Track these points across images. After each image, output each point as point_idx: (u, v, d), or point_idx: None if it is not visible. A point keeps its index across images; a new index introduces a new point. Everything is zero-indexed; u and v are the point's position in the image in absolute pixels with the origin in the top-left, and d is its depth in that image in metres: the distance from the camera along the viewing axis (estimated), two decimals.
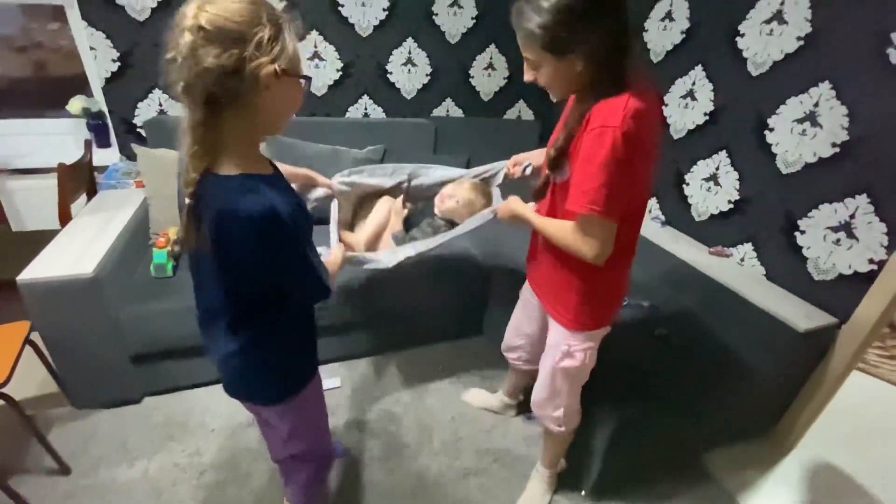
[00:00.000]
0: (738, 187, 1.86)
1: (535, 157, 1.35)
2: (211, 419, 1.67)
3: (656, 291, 1.91)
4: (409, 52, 2.46)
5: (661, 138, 1.01)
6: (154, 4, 2.01)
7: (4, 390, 1.26)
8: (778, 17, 1.61)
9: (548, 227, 1.07)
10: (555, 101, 1.02)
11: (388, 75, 2.48)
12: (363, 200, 1.64)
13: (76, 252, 1.53)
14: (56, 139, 2.23)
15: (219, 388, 1.77)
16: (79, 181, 1.90)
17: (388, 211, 1.57)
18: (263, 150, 0.85)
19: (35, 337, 1.46)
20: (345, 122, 2.44)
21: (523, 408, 1.76)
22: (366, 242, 1.52)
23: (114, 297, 1.54)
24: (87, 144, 1.99)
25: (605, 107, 0.88)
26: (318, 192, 1.42)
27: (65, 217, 1.77)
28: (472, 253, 2.10)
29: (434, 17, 2.42)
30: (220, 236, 0.74)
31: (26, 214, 2.11)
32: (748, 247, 1.85)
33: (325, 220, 1.41)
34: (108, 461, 1.50)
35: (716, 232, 1.97)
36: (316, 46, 2.30)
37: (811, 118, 1.55)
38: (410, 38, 2.43)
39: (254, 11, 0.67)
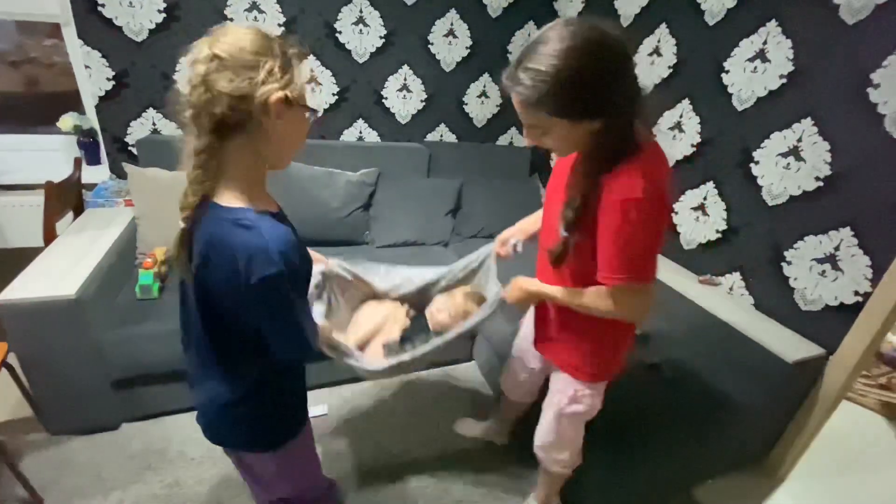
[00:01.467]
0: (725, 217, 1.89)
1: (519, 232, 1.31)
2: (191, 448, 1.61)
3: (647, 321, 1.91)
4: (405, 79, 2.50)
5: (672, 190, 0.99)
6: (152, 26, 2.03)
7: None
8: (761, 55, 1.67)
9: (577, 298, 1.00)
10: (559, 157, 0.99)
11: (384, 100, 2.51)
12: (357, 302, 1.46)
13: (59, 272, 1.49)
14: (45, 155, 2.20)
15: None
16: (66, 199, 1.86)
17: (384, 319, 1.38)
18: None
19: (11, 358, 1.41)
20: (340, 145, 2.45)
21: (514, 435, 1.73)
22: (354, 343, 1.30)
23: (96, 319, 1.49)
24: (77, 162, 1.97)
25: (624, 179, 0.84)
26: (318, 267, 1.27)
27: (49, 235, 1.73)
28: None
29: (430, 45, 2.48)
30: (205, 267, 0.72)
31: (10, 231, 2.06)
32: (736, 276, 1.87)
33: None
34: (83, 492, 1.42)
35: (704, 261, 1.99)
36: (312, 71, 2.33)
37: (795, 152, 1.60)
38: (406, 66, 2.48)
39: (266, 43, 0.69)
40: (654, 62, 2.15)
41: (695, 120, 1.98)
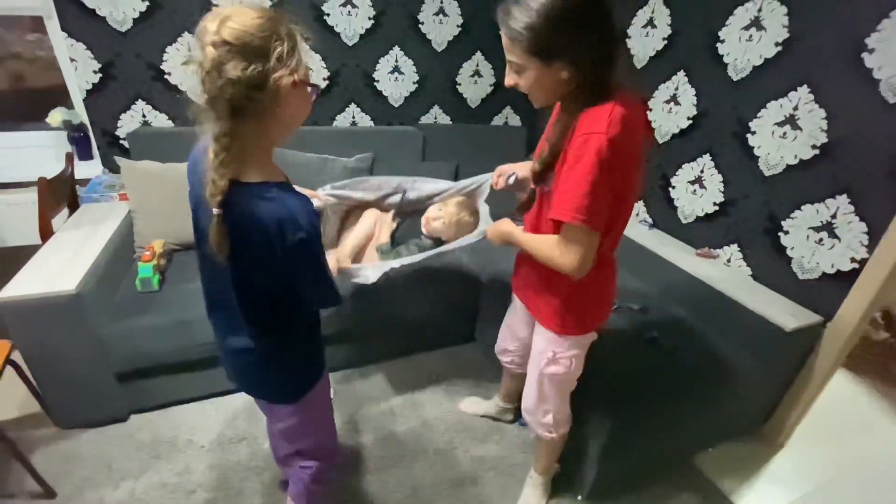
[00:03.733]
0: (722, 189, 1.89)
1: (521, 168, 1.33)
2: (200, 436, 1.63)
3: (645, 294, 1.93)
4: (396, 61, 2.46)
5: (647, 146, 1.00)
6: (136, 15, 1.98)
7: None
8: (756, 23, 1.65)
9: (531, 242, 1.06)
10: (536, 107, 1.00)
11: (375, 83, 2.48)
12: (348, 213, 1.63)
13: (58, 268, 1.49)
14: (36, 152, 2.17)
15: (207, 403, 1.75)
16: (60, 195, 1.85)
17: (374, 222, 1.57)
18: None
19: (16, 356, 1.42)
20: (333, 130, 2.42)
21: (519, 412, 1.75)
22: (350, 253, 1.50)
23: (98, 313, 1.50)
24: (69, 157, 1.95)
25: (590, 115, 0.87)
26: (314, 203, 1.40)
27: (46, 232, 1.72)
28: (464, 261, 2.10)
29: (420, 25, 2.43)
30: (242, 242, 0.77)
31: (5, 230, 2.05)
32: (734, 248, 1.87)
33: None
34: (94, 483, 1.45)
35: (702, 234, 2.00)
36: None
37: (791, 121, 1.59)
38: (397, 47, 2.44)
39: (272, 26, 0.70)
40: (648, 34, 2.11)
41: (690, 92, 1.96)
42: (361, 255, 1.54)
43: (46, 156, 2.15)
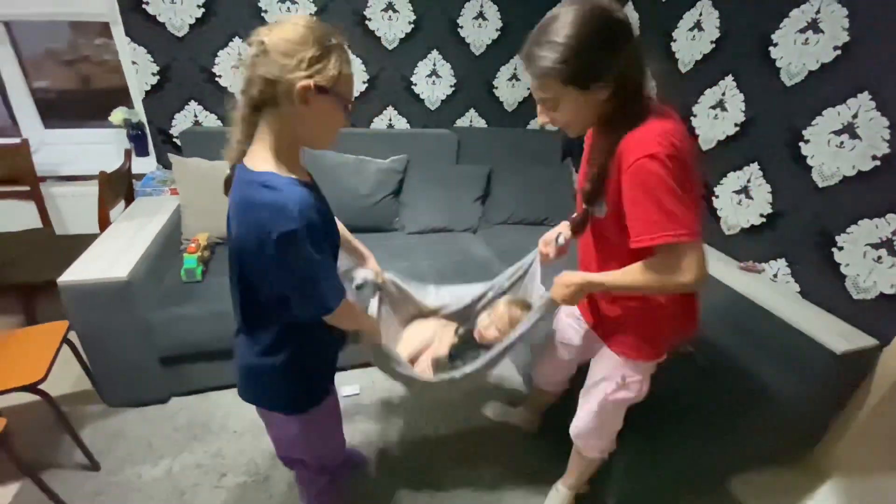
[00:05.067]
0: (770, 200, 1.79)
1: (563, 228, 1.26)
2: (234, 421, 1.71)
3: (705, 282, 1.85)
4: (434, 64, 2.49)
5: (694, 150, 0.96)
6: (192, 21, 2.11)
7: (42, 387, 1.32)
8: (813, 25, 1.56)
9: (626, 277, 0.96)
10: (572, 136, 0.99)
11: (413, 87, 2.52)
12: (406, 315, 1.46)
13: (112, 256, 1.60)
14: (98, 148, 2.35)
15: None
16: (118, 188, 1.99)
17: (433, 334, 1.39)
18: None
19: (73, 336, 1.54)
20: (369, 132, 2.48)
21: (545, 423, 1.73)
22: (404, 356, 1.30)
23: (145, 300, 1.60)
24: (127, 153, 2.09)
25: (636, 138, 0.85)
26: (367, 274, 1.24)
27: (104, 222, 1.85)
28: (494, 268, 2.09)
29: (459, 29, 2.45)
30: (237, 231, 0.79)
31: (68, 219, 2.23)
32: (781, 262, 1.77)
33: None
34: (135, 459, 1.55)
35: (747, 246, 1.90)
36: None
37: (849, 130, 1.49)
38: (435, 51, 2.47)
39: (306, 35, 0.74)
40: (695, 37, 2.04)
41: (738, 97, 1.88)
42: (413, 362, 1.36)
43: (108, 152, 2.32)
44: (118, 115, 2.29)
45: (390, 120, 2.57)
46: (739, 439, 1.51)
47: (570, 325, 1.36)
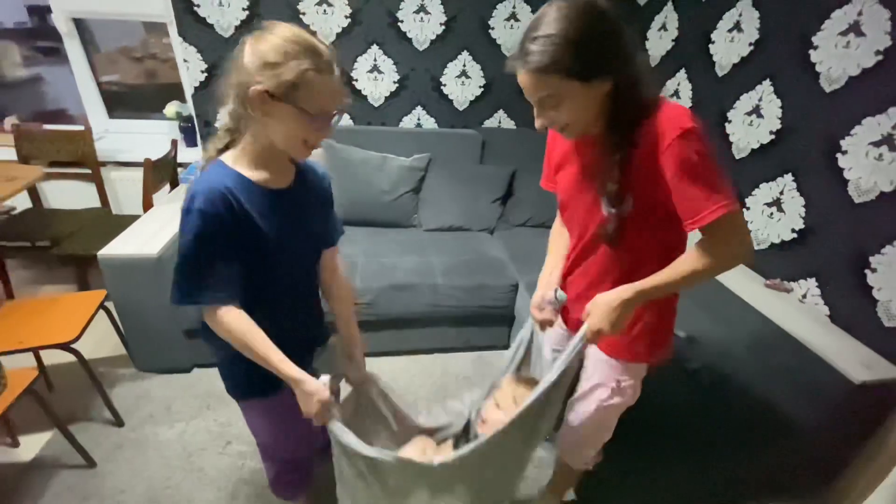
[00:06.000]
0: (803, 215, 1.67)
1: (546, 285, 1.15)
2: None
3: (696, 322, 1.76)
4: (464, 65, 2.52)
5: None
6: (238, 23, 2.27)
7: (83, 351, 1.49)
8: (855, 28, 1.44)
9: (682, 268, 0.88)
10: (572, 138, 0.95)
11: (442, 87, 2.56)
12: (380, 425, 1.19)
13: (148, 235, 1.77)
14: (153, 138, 2.58)
15: None
16: (162, 174, 2.19)
17: (420, 451, 1.12)
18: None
19: (111, 306, 1.71)
20: (397, 131, 2.55)
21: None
22: None
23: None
24: (174, 143, 2.29)
25: (663, 120, 0.83)
26: (348, 370, 1.09)
27: (147, 205, 2.05)
28: (505, 266, 2.09)
29: (490, 31, 2.47)
30: None
31: (123, 200, 2.47)
32: (811, 282, 1.64)
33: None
34: (155, 420, 1.70)
35: (775, 263, 1.78)
36: (375, 60, 2.45)
37: (889, 141, 1.36)
38: (466, 52, 2.50)
39: (277, 45, 0.75)
40: (733, 38, 1.94)
41: (776, 103, 1.76)
42: None
43: (162, 141, 2.54)
44: (171, 108, 2.51)
45: (418, 119, 2.62)
46: (747, 465, 1.42)
47: (558, 331, 1.31)
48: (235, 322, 0.84)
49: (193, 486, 1.48)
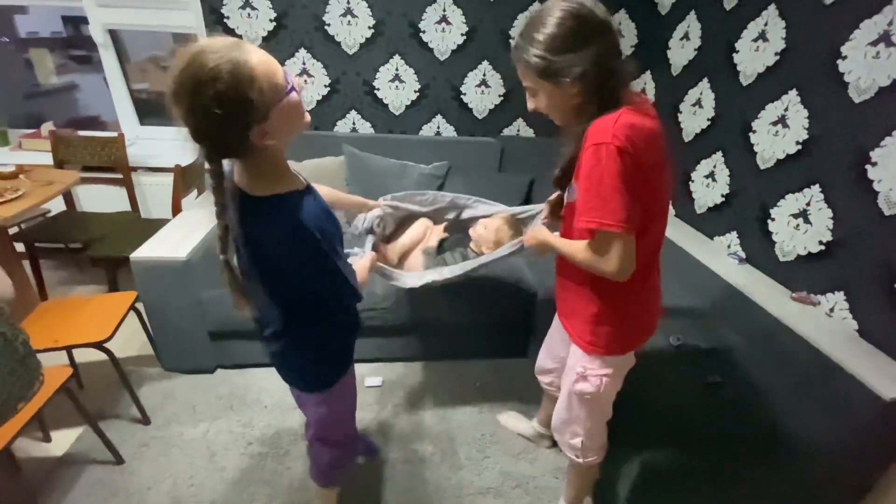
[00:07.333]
0: (831, 227, 1.63)
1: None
2: (266, 397, 1.87)
3: (717, 334, 1.74)
4: (484, 74, 2.55)
5: (664, 150, 1.00)
6: (265, 34, 2.34)
7: (112, 349, 1.55)
8: (885, 38, 1.41)
9: (568, 247, 1.07)
10: (558, 124, 1.06)
11: (462, 96, 2.59)
12: (403, 221, 1.73)
13: (177, 239, 1.83)
14: (183, 144, 2.65)
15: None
16: (190, 180, 2.26)
17: (424, 229, 1.67)
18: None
19: (140, 307, 1.77)
20: (417, 139, 2.59)
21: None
22: (398, 252, 1.63)
23: (200, 279, 1.80)
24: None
25: (597, 125, 0.91)
26: (375, 212, 1.54)
27: (176, 209, 2.11)
28: (522, 274, 2.09)
29: (510, 40, 2.49)
30: (258, 254, 0.88)
31: (153, 204, 2.55)
32: (840, 296, 1.61)
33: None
34: (180, 419, 1.75)
35: (802, 275, 1.75)
36: (397, 69, 2.49)
37: None
38: (486, 61, 2.52)
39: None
40: (758, 48, 1.92)
41: (802, 114, 1.74)
42: (408, 256, 1.64)
43: (188, 148, 2.62)
44: None
45: (438, 128, 2.66)
46: (770, 484, 1.39)
47: (558, 338, 1.38)
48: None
49: (216, 485, 1.52)
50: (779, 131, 1.83)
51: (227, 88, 0.70)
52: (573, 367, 1.19)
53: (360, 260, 1.22)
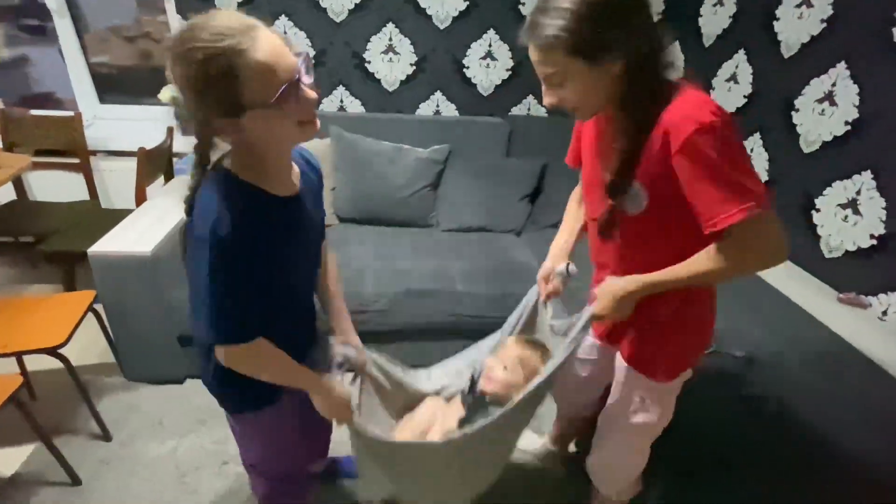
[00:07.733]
0: (884, 219, 1.62)
1: (559, 253, 1.28)
2: None
3: (759, 342, 1.72)
4: (490, 45, 2.53)
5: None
6: (240, 0, 2.32)
7: (70, 358, 1.53)
8: None
9: (680, 271, 0.93)
10: (583, 120, 0.99)
11: (465, 70, 2.57)
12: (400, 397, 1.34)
13: (141, 231, 1.82)
14: (148, 125, 2.64)
15: None
16: (157, 165, 2.24)
17: (433, 413, 1.27)
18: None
19: (102, 308, 1.76)
20: (414, 119, 2.57)
21: (567, 462, 1.69)
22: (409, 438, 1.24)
23: (168, 277, 1.79)
24: (169, 131, 2.34)
25: (678, 114, 0.84)
26: (347, 351, 1.17)
27: (140, 198, 2.10)
28: (532, 271, 2.07)
29: (521, 6, 2.47)
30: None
31: (114, 192, 2.54)
32: (894, 297, 1.59)
33: None
34: (145, 435, 1.74)
35: (851, 274, 1.73)
36: (391, 39, 2.47)
37: None
38: (492, 30, 2.50)
39: None
40: (801, 14, 1.90)
41: (852, 89, 1.72)
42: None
43: (157, 128, 2.60)
44: (167, 92, 2.55)
45: (437, 106, 2.64)
46: (813, 501, 1.38)
47: (584, 353, 1.33)
48: (267, 351, 0.88)
49: None
50: (825, 110, 1.82)
51: (198, 73, 0.70)
52: (626, 397, 1.15)
53: (337, 387, 1.05)
